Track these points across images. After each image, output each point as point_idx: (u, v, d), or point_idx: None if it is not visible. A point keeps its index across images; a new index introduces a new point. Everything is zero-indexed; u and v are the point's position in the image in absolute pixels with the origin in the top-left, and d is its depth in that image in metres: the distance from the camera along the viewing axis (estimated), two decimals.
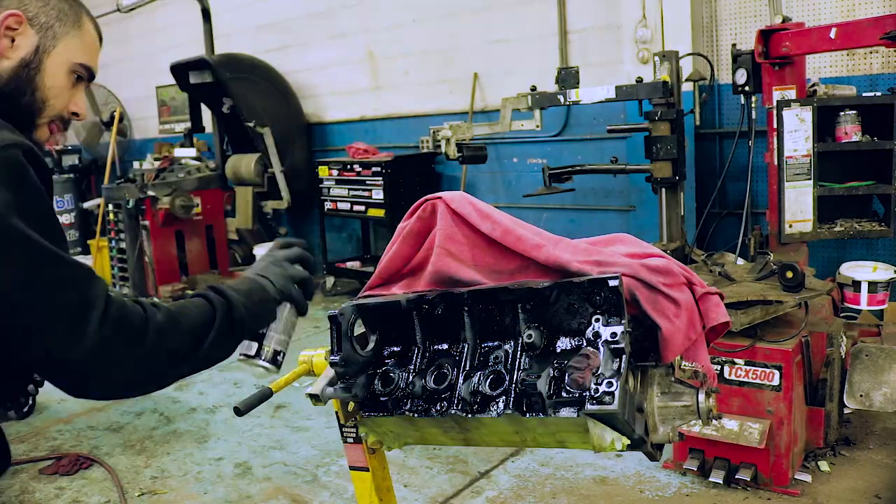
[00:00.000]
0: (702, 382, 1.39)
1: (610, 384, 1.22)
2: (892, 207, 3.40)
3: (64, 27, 1.33)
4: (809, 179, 3.42)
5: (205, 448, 4.14)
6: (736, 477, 3.24)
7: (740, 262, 3.87)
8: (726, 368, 3.26)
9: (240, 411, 1.57)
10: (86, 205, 9.29)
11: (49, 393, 1.37)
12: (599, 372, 1.24)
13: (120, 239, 7.69)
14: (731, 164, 4.70)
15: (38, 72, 1.31)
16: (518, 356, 1.36)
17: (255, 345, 1.38)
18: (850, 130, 3.43)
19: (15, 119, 1.25)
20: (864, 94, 3.84)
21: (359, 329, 1.56)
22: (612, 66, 5.61)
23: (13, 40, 1.28)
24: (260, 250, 7.62)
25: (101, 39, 1.42)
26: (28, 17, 1.29)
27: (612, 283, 1.28)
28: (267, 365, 1.38)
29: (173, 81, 7.82)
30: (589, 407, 1.23)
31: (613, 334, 1.27)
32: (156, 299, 1.44)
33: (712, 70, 4.96)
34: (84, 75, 1.37)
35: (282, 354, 1.40)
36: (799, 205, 3.44)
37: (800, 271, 3.22)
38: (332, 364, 1.51)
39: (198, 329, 1.22)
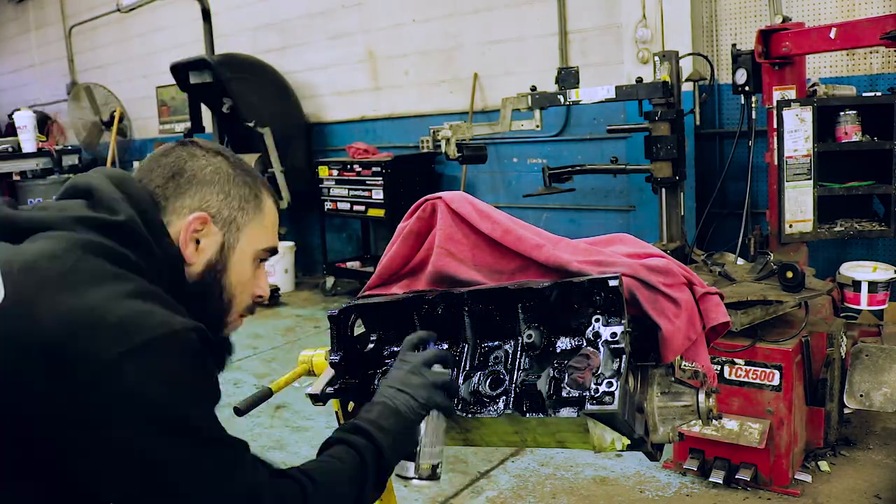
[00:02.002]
0: (702, 382, 1.39)
1: (610, 384, 1.22)
2: (892, 207, 3.40)
3: (246, 216, 1.25)
4: (809, 179, 3.42)
5: None
6: (736, 477, 3.24)
7: (740, 262, 3.87)
8: (726, 368, 3.26)
9: (240, 411, 1.56)
10: None
11: None
12: (599, 372, 1.24)
13: None
14: (732, 164, 4.69)
15: (225, 271, 1.23)
16: (518, 356, 1.36)
17: (410, 465, 1.32)
18: (850, 130, 3.43)
19: (205, 322, 1.13)
20: (864, 94, 3.84)
21: (359, 329, 1.56)
22: (612, 66, 5.61)
23: (198, 242, 1.20)
24: None
25: (279, 206, 1.35)
26: (211, 214, 1.21)
27: (612, 283, 1.28)
28: (425, 483, 1.33)
29: (173, 81, 7.82)
30: (589, 407, 1.23)
31: (613, 334, 1.27)
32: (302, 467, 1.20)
33: (712, 70, 4.96)
34: (267, 257, 1.30)
35: (440, 464, 1.34)
36: (799, 205, 3.44)
37: (800, 271, 3.22)
38: (332, 364, 1.51)
39: (353, 493, 1.17)
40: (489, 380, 1.36)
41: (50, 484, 1.01)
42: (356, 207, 6.78)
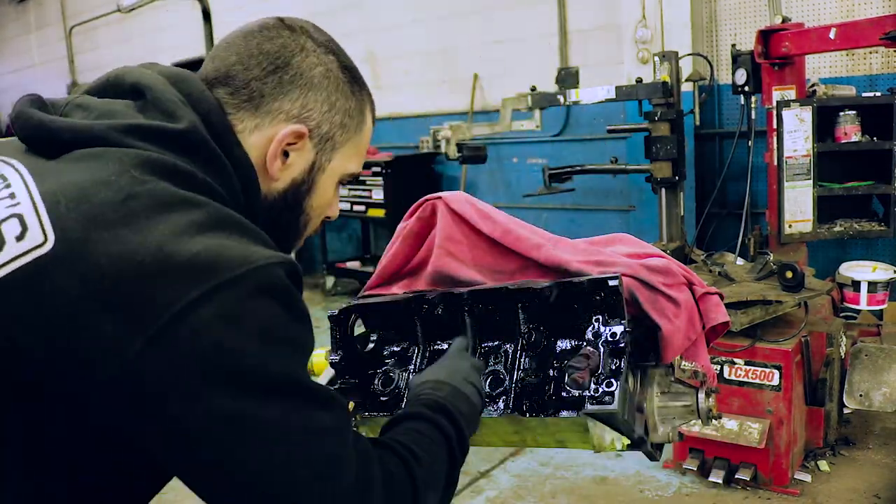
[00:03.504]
0: (702, 382, 1.39)
1: (610, 384, 1.22)
2: (891, 207, 3.41)
3: (345, 135, 1.07)
4: (809, 179, 3.42)
5: None
6: (736, 477, 3.24)
7: (740, 262, 3.87)
8: (726, 368, 3.26)
9: None
10: None
11: None
12: (599, 372, 1.25)
13: None
14: (731, 164, 4.70)
15: (308, 193, 1.08)
16: (518, 356, 1.36)
17: None
18: (849, 130, 3.43)
19: (279, 240, 1.01)
20: (864, 94, 3.84)
21: (359, 329, 1.56)
22: (612, 66, 5.61)
23: (286, 156, 1.03)
24: None
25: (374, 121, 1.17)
26: (310, 128, 1.03)
27: (611, 283, 1.28)
28: None
29: None
30: (589, 407, 1.23)
31: (613, 334, 1.27)
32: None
33: (712, 70, 4.97)
34: (350, 180, 1.15)
35: None
36: (798, 205, 3.44)
37: (799, 271, 3.22)
38: (332, 364, 1.51)
39: (445, 476, 1.04)
40: (489, 380, 1.36)
41: (109, 454, 0.87)
42: (356, 207, 6.78)
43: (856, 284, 4.07)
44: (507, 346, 1.39)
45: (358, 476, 0.87)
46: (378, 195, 6.54)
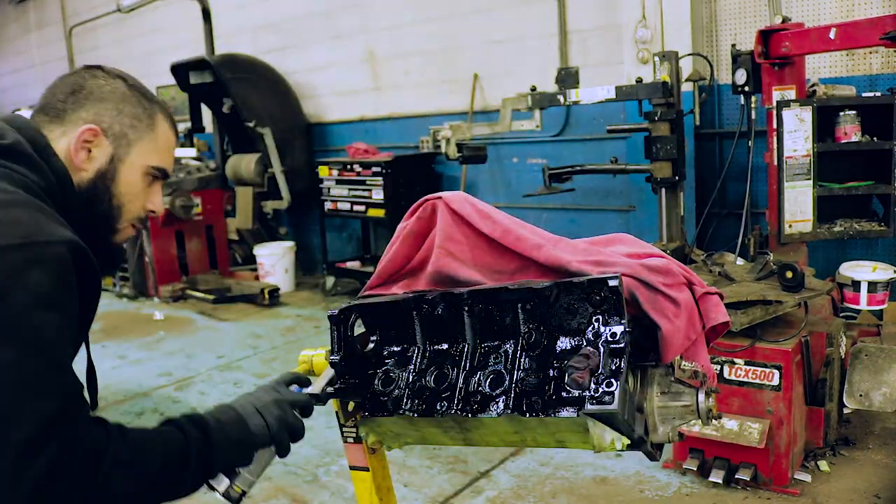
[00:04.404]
0: (702, 382, 1.39)
1: (610, 384, 1.22)
2: (891, 207, 3.41)
3: (137, 133, 1.38)
4: (809, 179, 3.42)
5: None
6: (736, 477, 3.24)
7: (740, 262, 3.87)
8: (726, 368, 3.26)
9: None
10: None
11: None
12: (599, 372, 1.25)
13: None
14: (731, 164, 4.70)
15: (114, 180, 1.36)
16: (518, 356, 1.36)
17: (225, 480, 1.30)
18: (849, 130, 3.43)
19: (95, 225, 1.34)
20: (864, 94, 3.84)
21: (359, 329, 1.56)
22: (612, 66, 5.61)
23: (89, 151, 1.34)
24: (260, 251, 7.64)
25: (177, 134, 1.48)
26: (102, 128, 1.34)
27: (611, 282, 1.28)
28: (228, 503, 1.32)
29: (174, 81, 7.82)
30: (589, 407, 1.23)
31: (613, 334, 1.27)
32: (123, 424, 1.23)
33: (712, 70, 4.97)
34: (158, 175, 1.42)
35: (246, 493, 1.34)
36: (798, 205, 3.44)
37: (799, 271, 3.22)
38: (332, 364, 1.51)
39: (163, 473, 1.16)
40: (489, 380, 1.36)
41: None
42: (356, 207, 6.78)
43: (856, 284, 4.08)
44: (507, 346, 1.39)
45: (59, 413, 1.05)
46: (378, 195, 6.55)
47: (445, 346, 1.45)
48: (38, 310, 1.07)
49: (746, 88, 3.87)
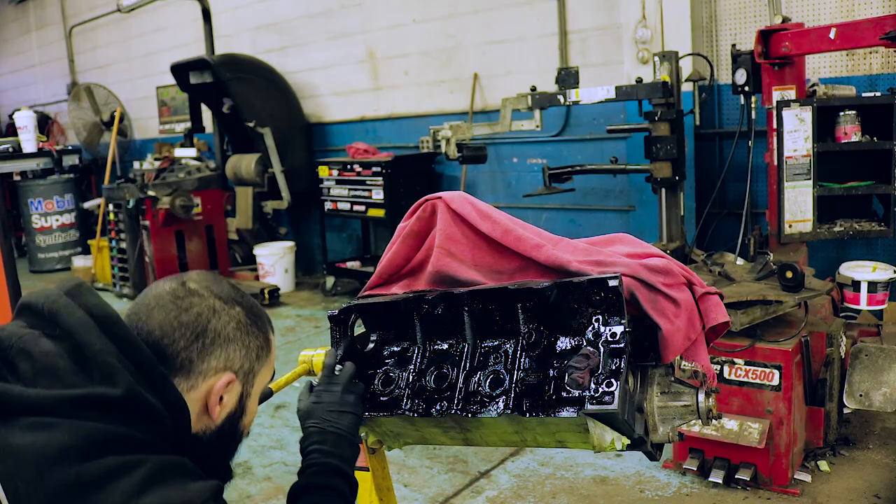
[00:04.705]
0: (702, 382, 1.39)
1: (610, 384, 1.22)
2: (891, 207, 3.41)
3: (260, 363, 1.27)
4: (809, 179, 3.42)
5: None
6: (736, 477, 3.24)
7: (740, 262, 3.87)
8: (726, 368, 3.26)
9: None
10: (86, 205, 9.30)
11: None
12: (599, 372, 1.25)
13: (120, 239, 7.70)
14: (731, 164, 4.70)
15: (241, 418, 1.27)
16: (518, 356, 1.36)
17: None
18: (849, 130, 3.43)
19: (217, 463, 1.23)
20: (864, 94, 3.84)
21: (359, 329, 1.56)
22: (612, 66, 5.61)
23: (221, 398, 1.21)
24: (260, 251, 7.63)
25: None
26: (234, 371, 1.21)
27: (611, 283, 1.28)
28: None
29: (174, 81, 7.83)
30: (589, 407, 1.23)
31: (613, 334, 1.27)
32: None
33: (712, 70, 4.97)
34: (268, 392, 1.40)
35: None
36: (798, 205, 3.44)
37: (799, 271, 3.22)
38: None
39: None
40: (489, 380, 1.36)
41: None
42: (356, 207, 6.78)
43: (856, 284, 4.07)
44: (507, 346, 1.39)
45: None
46: (378, 195, 6.54)
47: (445, 346, 1.45)
48: None
49: (746, 88, 3.87)
